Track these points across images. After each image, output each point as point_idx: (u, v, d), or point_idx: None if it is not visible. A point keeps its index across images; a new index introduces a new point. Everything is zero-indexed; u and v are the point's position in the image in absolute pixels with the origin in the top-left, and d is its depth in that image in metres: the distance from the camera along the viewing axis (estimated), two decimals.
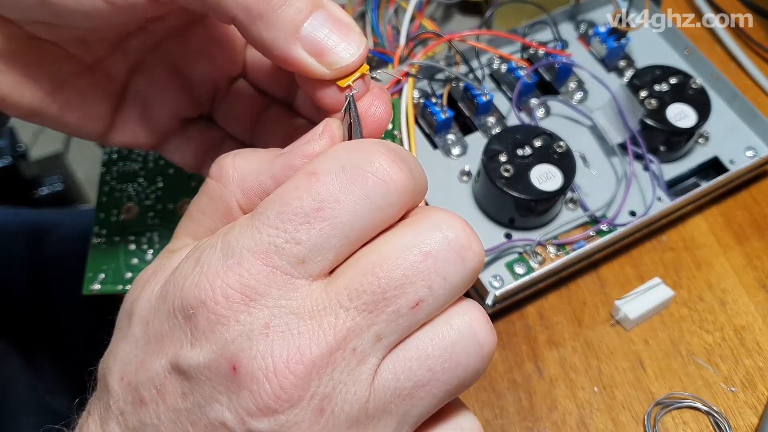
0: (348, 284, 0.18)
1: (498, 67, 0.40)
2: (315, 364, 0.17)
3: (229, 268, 0.18)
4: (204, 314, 0.18)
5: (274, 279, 0.18)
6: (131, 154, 0.36)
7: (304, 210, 0.18)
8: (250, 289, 0.18)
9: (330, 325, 0.17)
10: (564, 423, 0.32)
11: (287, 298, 0.18)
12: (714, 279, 0.36)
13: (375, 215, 0.18)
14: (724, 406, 0.32)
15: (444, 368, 0.19)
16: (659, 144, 0.37)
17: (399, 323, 0.18)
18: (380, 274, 0.18)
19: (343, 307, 0.18)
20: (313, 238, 0.18)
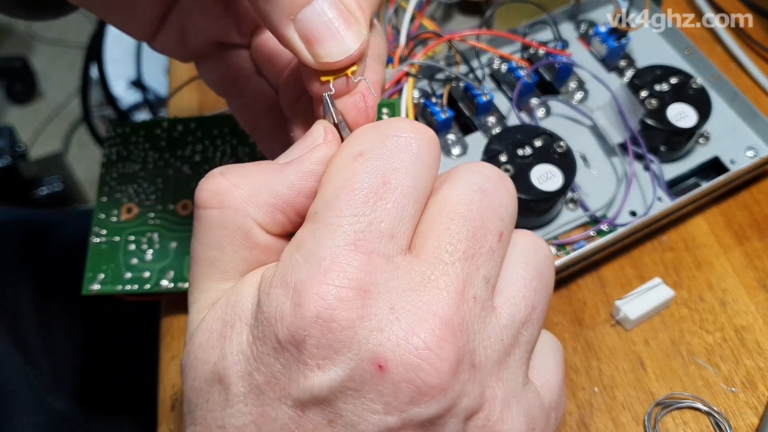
0: (439, 242, 0.18)
1: (498, 67, 0.40)
2: (454, 324, 0.17)
3: (328, 271, 0.17)
4: (322, 330, 0.16)
5: (376, 264, 0.17)
6: (131, 155, 0.36)
7: (372, 188, 0.18)
8: (360, 281, 0.17)
9: (447, 284, 0.17)
10: (564, 423, 0.32)
11: (396, 278, 0.17)
12: (714, 279, 0.36)
13: (429, 172, 0.19)
14: (724, 407, 0.32)
15: (543, 285, 0.20)
16: (660, 144, 0.37)
17: (495, 259, 0.19)
18: (463, 221, 0.18)
19: (449, 263, 0.18)
20: (392, 212, 0.18)
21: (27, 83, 1.36)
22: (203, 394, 0.18)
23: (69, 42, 1.42)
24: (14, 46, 1.46)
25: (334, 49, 0.20)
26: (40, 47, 1.46)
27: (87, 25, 1.02)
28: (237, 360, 0.17)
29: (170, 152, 0.35)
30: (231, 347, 0.18)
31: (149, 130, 0.36)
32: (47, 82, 1.40)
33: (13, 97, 1.36)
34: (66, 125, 1.27)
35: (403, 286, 0.17)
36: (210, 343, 0.18)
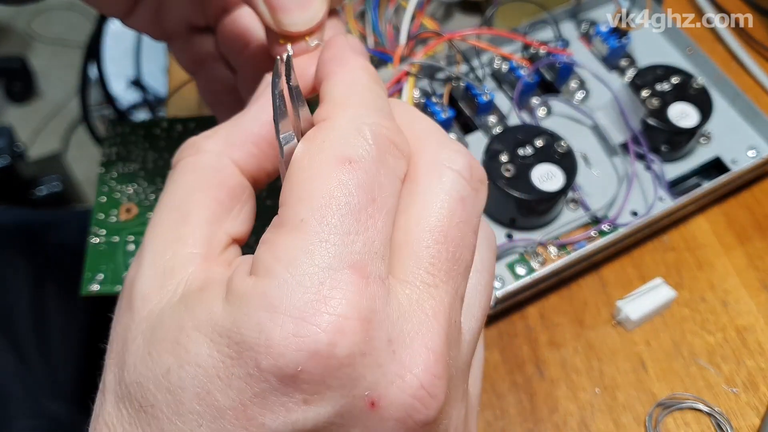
0: (421, 262, 0.17)
1: (499, 67, 0.40)
2: (446, 359, 0.16)
3: (329, 298, 0.15)
4: (319, 365, 0.15)
5: (374, 289, 0.16)
6: (130, 155, 0.36)
7: (363, 205, 0.16)
8: (363, 310, 0.15)
9: (435, 310, 0.16)
10: (565, 424, 0.31)
11: (390, 305, 0.16)
12: (716, 279, 0.36)
13: (399, 185, 0.18)
14: (725, 407, 0.32)
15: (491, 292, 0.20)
16: (661, 144, 0.37)
17: (467, 275, 0.18)
18: (444, 239, 0.17)
19: (433, 285, 0.17)
20: (382, 231, 0.16)
21: (26, 83, 1.36)
22: (149, 396, 0.16)
23: (68, 41, 1.42)
24: (13, 46, 1.46)
25: (297, 19, 0.21)
26: (38, 47, 1.46)
27: (86, 24, 1.02)
28: (194, 374, 0.15)
29: (169, 152, 0.35)
30: (188, 358, 0.16)
31: (148, 129, 0.36)
32: (46, 81, 1.39)
33: (11, 97, 1.35)
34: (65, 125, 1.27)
35: (396, 314, 0.16)
36: (164, 346, 0.16)
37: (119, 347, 0.17)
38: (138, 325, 0.17)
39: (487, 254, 0.20)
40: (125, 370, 0.17)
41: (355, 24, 0.39)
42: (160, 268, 0.18)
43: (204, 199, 0.19)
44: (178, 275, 0.18)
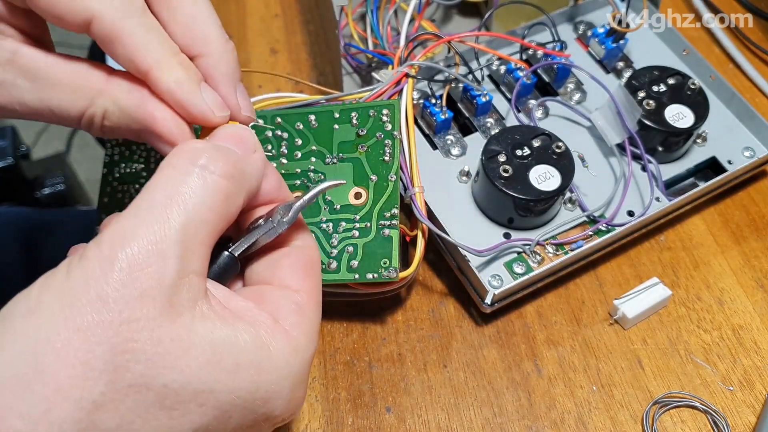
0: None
1: (497, 68, 0.40)
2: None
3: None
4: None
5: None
6: (133, 155, 0.36)
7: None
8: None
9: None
10: (563, 422, 0.32)
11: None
12: (712, 279, 0.36)
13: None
14: (722, 405, 0.32)
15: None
16: (657, 144, 0.37)
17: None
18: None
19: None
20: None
21: None
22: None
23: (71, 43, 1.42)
24: None
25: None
26: None
27: None
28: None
29: None
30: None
31: None
32: None
33: None
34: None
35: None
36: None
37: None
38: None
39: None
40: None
41: (354, 26, 0.39)
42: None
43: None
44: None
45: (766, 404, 0.32)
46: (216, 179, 0.21)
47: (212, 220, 0.20)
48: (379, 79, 0.35)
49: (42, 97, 0.23)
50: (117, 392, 0.18)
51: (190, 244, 0.20)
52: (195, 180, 0.20)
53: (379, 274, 0.29)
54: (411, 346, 0.34)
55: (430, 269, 0.37)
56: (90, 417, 0.17)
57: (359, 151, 0.31)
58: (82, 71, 0.24)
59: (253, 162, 0.23)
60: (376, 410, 0.32)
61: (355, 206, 0.31)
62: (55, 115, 0.24)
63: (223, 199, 0.21)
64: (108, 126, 0.24)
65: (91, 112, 0.24)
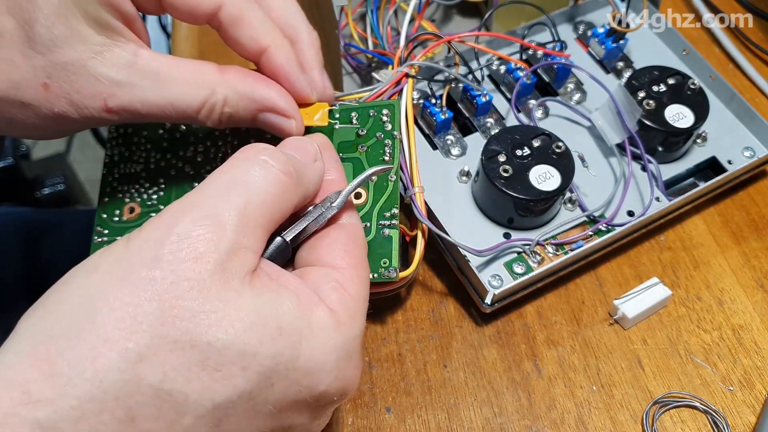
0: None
1: (497, 68, 0.40)
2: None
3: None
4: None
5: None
6: (133, 155, 0.36)
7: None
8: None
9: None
10: (563, 422, 0.32)
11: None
12: (712, 279, 0.36)
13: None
14: (722, 405, 0.32)
15: None
16: (657, 144, 0.37)
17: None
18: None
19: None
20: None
21: None
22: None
23: None
24: None
25: (282, 132, 0.29)
26: None
27: None
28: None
29: (172, 153, 0.36)
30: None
31: (151, 130, 0.37)
32: None
33: None
34: None
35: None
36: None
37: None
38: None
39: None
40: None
41: (354, 26, 0.39)
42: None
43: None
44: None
45: (766, 404, 0.32)
46: (276, 172, 0.22)
47: (270, 207, 0.22)
48: (379, 79, 0.35)
49: (164, 94, 0.26)
50: (161, 346, 0.18)
51: (248, 223, 0.21)
52: (257, 169, 0.22)
53: (379, 274, 0.29)
54: (411, 346, 0.34)
55: (430, 269, 0.37)
56: (134, 368, 0.18)
57: (359, 151, 0.31)
58: (198, 67, 0.26)
59: (312, 169, 0.25)
60: (376, 410, 0.32)
61: (355, 206, 0.31)
62: (176, 109, 0.26)
63: (281, 191, 0.22)
64: (227, 112, 0.27)
65: (212, 101, 0.26)
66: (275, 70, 0.27)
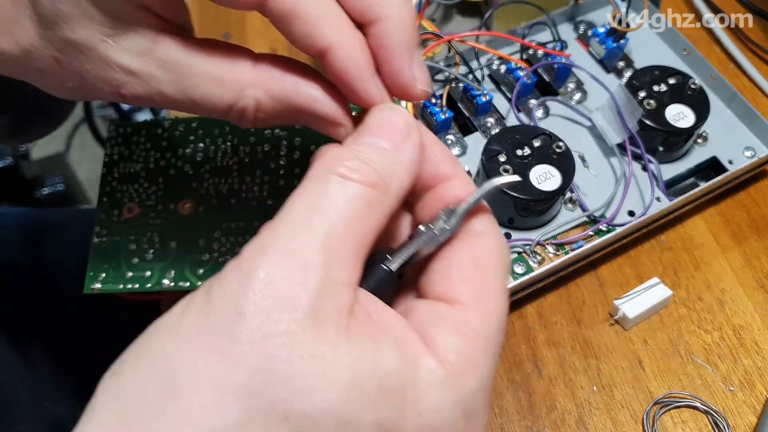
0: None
1: (497, 68, 0.40)
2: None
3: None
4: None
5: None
6: (132, 155, 0.36)
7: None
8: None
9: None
10: (563, 422, 0.32)
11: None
12: (713, 279, 0.36)
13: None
14: (722, 406, 0.32)
15: None
16: (658, 144, 0.37)
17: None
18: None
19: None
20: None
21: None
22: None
23: None
24: None
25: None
26: None
27: None
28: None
29: (171, 152, 0.35)
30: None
31: (151, 130, 0.36)
32: None
33: None
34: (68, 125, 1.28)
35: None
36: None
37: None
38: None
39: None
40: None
41: None
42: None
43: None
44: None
45: (766, 405, 0.32)
46: (356, 187, 0.19)
47: (358, 229, 0.19)
48: None
49: (184, 90, 0.22)
50: (252, 421, 0.16)
51: (336, 252, 0.18)
52: (334, 188, 0.19)
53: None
54: None
55: None
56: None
57: None
58: (226, 61, 0.22)
59: (403, 157, 0.21)
60: None
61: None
62: (200, 107, 0.22)
63: (366, 206, 0.19)
64: (262, 117, 0.23)
65: (241, 105, 0.22)
66: (337, 75, 0.22)
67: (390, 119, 0.21)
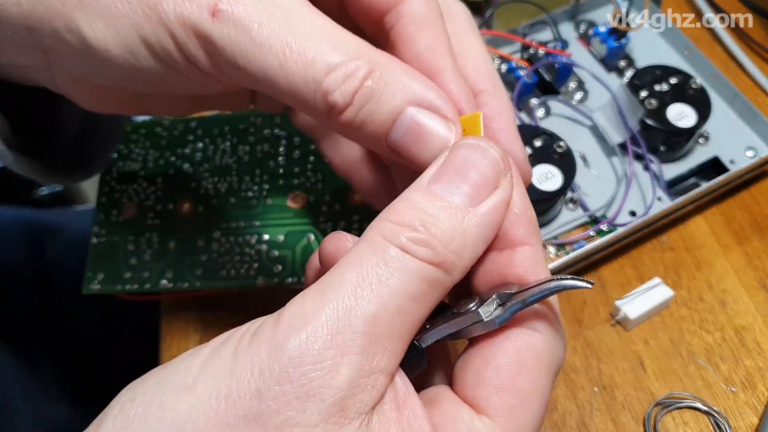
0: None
1: (498, 67, 0.40)
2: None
3: None
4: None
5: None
6: (131, 154, 0.36)
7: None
8: None
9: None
10: (564, 423, 0.32)
11: None
12: (714, 279, 0.36)
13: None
14: (724, 407, 0.32)
15: None
16: (659, 144, 0.37)
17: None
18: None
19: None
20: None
21: None
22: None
23: None
24: None
25: (432, 148, 0.19)
26: None
27: None
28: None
29: (170, 151, 0.35)
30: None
31: (150, 129, 0.36)
32: None
33: None
34: None
35: None
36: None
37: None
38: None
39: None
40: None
41: None
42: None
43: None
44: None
45: None
46: (417, 265, 0.17)
47: (411, 311, 0.17)
48: None
49: (253, 62, 0.19)
50: None
51: (380, 337, 0.16)
52: (392, 263, 0.16)
53: None
54: None
55: None
56: None
57: None
58: (331, 35, 0.19)
59: (480, 222, 0.18)
60: None
61: (355, 206, 0.31)
62: (277, 92, 0.19)
63: (425, 288, 0.17)
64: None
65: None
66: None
67: (475, 161, 0.18)
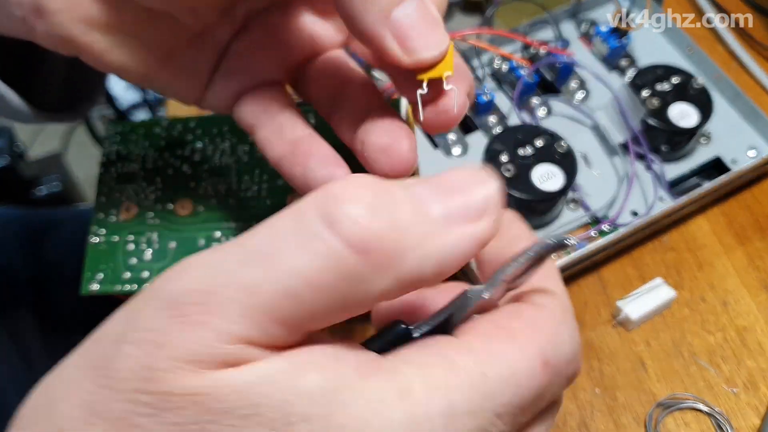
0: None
1: (499, 67, 0.40)
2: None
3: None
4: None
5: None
6: (130, 154, 0.36)
7: (537, 410, 0.17)
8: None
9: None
10: (565, 424, 0.31)
11: None
12: (716, 280, 0.36)
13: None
14: (726, 408, 0.32)
15: None
16: (661, 144, 0.37)
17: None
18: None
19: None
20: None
21: None
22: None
23: None
24: None
25: (429, 44, 0.20)
26: None
27: None
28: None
29: (169, 152, 0.35)
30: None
31: (148, 129, 0.36)
32: None
33: None
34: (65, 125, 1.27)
35: None
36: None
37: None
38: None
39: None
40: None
41: None
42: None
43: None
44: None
45: None
46: (339, 247, 0.14)
47: (308, 302, 0.14)
48: (379, 78, 0.34)
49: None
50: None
51: (257, 312, 0.14)
52: (305, 239, 0.14)
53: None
54: None
55: None
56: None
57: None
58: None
59: (448, 239, 0.15)
60: None
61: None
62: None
63: (338, 279, 0.14)
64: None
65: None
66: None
67: (469, 183, 0.16)
